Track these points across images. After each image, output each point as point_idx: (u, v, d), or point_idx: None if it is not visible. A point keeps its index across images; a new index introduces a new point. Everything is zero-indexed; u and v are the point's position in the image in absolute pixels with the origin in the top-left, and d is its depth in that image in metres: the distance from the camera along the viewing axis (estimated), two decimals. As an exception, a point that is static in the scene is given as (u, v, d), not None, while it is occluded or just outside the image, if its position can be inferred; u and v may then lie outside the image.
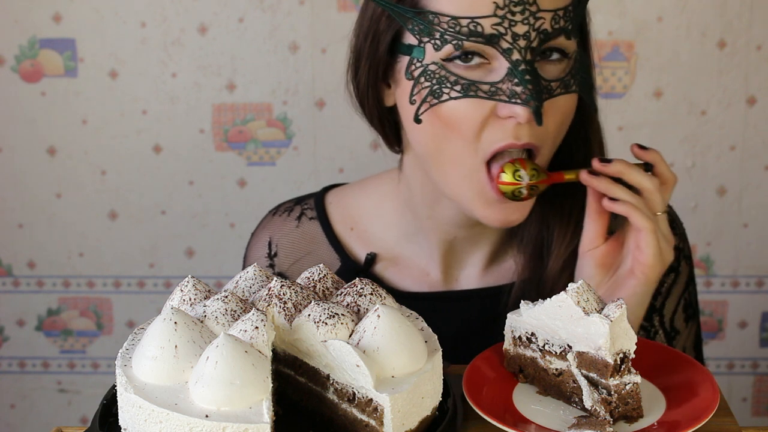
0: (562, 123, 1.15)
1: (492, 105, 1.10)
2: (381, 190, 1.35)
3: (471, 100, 1.10)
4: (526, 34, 1.08)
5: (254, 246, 1.40)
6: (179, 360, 0.89)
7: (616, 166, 1.14)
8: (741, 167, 2.15)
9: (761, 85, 2.10)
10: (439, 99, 1.11)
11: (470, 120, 1.11)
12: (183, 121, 2.16)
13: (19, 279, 2.27)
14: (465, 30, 1.08)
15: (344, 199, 1.39)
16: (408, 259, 1.33)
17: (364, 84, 1.22)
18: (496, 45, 1.08)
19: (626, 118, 2.13)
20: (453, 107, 1.11)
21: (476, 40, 1.08)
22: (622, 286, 1.16)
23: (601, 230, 1.18)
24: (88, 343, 2.31)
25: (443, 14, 1.09)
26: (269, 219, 1.41)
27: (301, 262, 1.35)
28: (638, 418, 0.97)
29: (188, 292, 1.00)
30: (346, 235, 1.36)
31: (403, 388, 0.89)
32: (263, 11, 2.10)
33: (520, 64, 1.07)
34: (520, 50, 1.08)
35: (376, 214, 1.35)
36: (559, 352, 1.01)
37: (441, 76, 1.10)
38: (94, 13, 2.11)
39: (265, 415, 0.84)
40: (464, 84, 1.09)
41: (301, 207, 1.39)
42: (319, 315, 0.94)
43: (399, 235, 1.33)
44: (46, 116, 2.17)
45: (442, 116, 1.12)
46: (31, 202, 2.22)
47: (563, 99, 1.12)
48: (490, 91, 1.09)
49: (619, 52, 2.10)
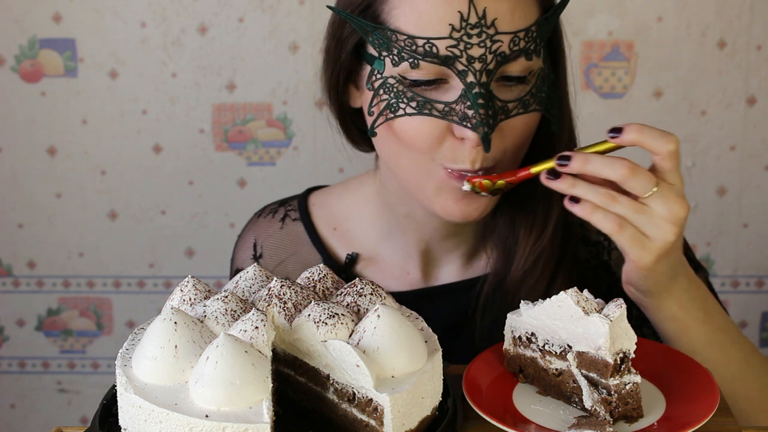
0: (521, 141, 1.14)
1: (447, 124, 1.10)
2: (362, 191, 1.37)
3: (425, 118, 1.10)
4: (482, 56, 1.07)
5: (240, 248, 1.42)
6: (179, 360, 0.89)
7: (574, 164, 1.06)
8: (741, 167, 2.15)
9: (761, 85, 2.10)
10: (395, 114, 1.11)
11: (423, 137, 1.11)
12: (183, 121, 2.16)
13: (19, 279, 2.27)
14: (421, 50, 1.08)
15: (327, 200, 1.40)
16: (388, 259, 1.34)
17: (326, 84, 1.23)
18: (451, 66, 1.08)
19: (626, 118, 2.13)
20: (406, 123, 1.11)
21: (431, 61, 1.08)
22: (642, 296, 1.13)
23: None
24: (88, 343, 2.31)
25: (401, 32, 1.09)
26: (254, 221, 1.42)
27: (285, 263, 1.36)
28: (638, 418, 0.97)
29: (188, 292, 1.00)
30: (329, 235, 1.37)
31: (403, 388, 0.89)
32: (263, 11, 2.10)
33: (473, 87, 1.07)
34: (474, 73, 1.07)
35: (357, 214, 1.36)
36: (559, 352, 1.01)
37: (399, 90, 1.10)
38: (94, 13, 2.11)
39: (265, 415, 0.84)
40: (420, 101, 1.09)
41: (285, 209, 1.41)
42: (319, 315, 0.94)
43: (379, 235, 1.34)
44: (46, 116, 2.17)
45: (397, 131, 1.13)
46: (31, 202, 2.22)
47: (521, 119, 1.11)
48: (444, 110, 1.09)
49: (619, 52, 2.10)
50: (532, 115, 1.13)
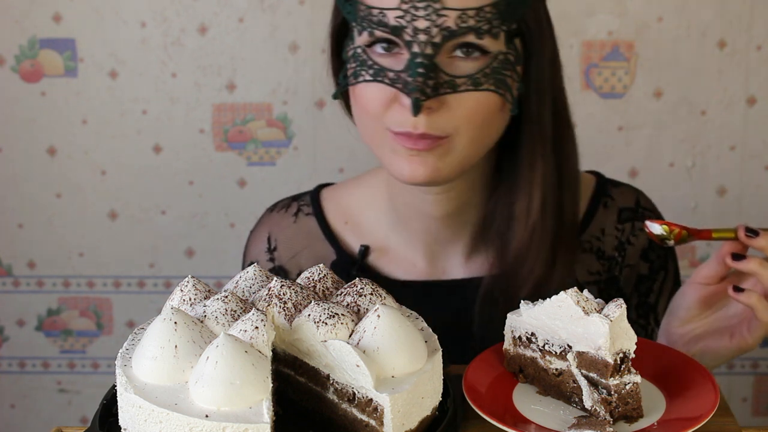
0: (476, 119, 1.16)
1: (395, 91, 1.15)
2: (371, 183, 1.40)
3: (377, 84, 1.16)
4: (427, 29, 1.12)
5: (254, 242, 1.43)
6: (179, 360, 0.89)
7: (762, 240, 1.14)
8: (741, 167, 2.15)
9: (761, 85, 2.10)
10: (356, 80, 1.18)
11: (374, 102, 1.17)
12: (183, 121, 2.16)
13: (19, 279, 2.27)
14: (375, 19, 1.14)
15: (338, 194, 1.43)
16: (396, 250, 1.36)
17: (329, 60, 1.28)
18: (399, 36, 1.13)
19: (626, 118, 2.13)
20: (363, 89, 1.18)
21: (383, 30, 1.14)
22: (715, 341, 1.18)
23: (721, 273, 1.19)
24: (88, 343, 2.31)
25: (361, 3, 1.16)
26: (267, 215, 1.44)
27: (299, 256, 1.39)
28: (638, 418, 0.97)
29: (188, 292, 1.00)
30: (341, 228, 1.39)
31: (403, 388, 0.89)
32: (263, 11, 2.10)
33: (417, 57, 1.12)
34: (419, 44, 1.12)
35: (367, 206, 1.39)
36: (559, 352, 1.01)
37: (362, 59, 1.17)
38: (94, 13, 2.11)
39: (265, 415, 0.84)
40: (376, 69, 1.16)
41: (297, 203, 1.43)
42: (319, 315, 0.94)
43: (387, 227, 1.36)
44: (46, 116, 2.17)
45: (356, 97, 1.20)
46: (31, 202, 2.22)
47: (472, 96, 1.14)
48: (392, 78, 1.14)
49: (619, 52, 2.10)
50: (487, 95, 1.15)
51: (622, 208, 1.37)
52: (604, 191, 1.38)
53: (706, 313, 1.20)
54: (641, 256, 1.36)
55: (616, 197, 1.38)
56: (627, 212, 1.37)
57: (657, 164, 2.15)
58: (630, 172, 2.15)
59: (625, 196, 1.39)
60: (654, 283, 1.36)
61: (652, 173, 2.15)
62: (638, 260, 1.36)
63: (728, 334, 1.18)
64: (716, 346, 1.18)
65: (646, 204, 1.40)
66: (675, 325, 1.21)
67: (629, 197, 1.39)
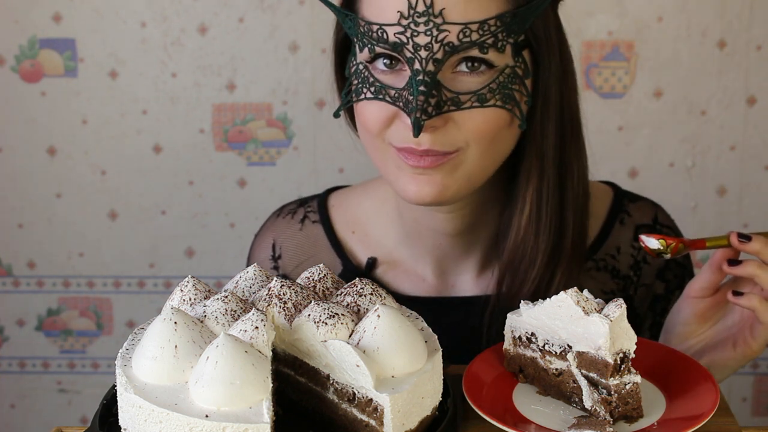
0: (485, 135, 1.12)
1: (396, 109, 1.12)
2: (380, 193, 1.36)
3: (379, 102, 1.12)
4: (428, 45, 1.08)
5: (258, 247, 1.40)
6: (179, 360, 0.89)
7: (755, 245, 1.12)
8: (741, 167, 2.15)
9: (761, 85, 2.10)
10: (358, 98, 1.15)
11: (375, 120, 1.14)
12: (183, 121, 2.16)
13: (19, 279, 2.27)
14: (375, 36, 1.10)
15: (346, 201, 1.39)
16: (405, 264, 1.32)
17: (333, 74, 1.26)
18: (400, 53, 1.10)
19: (626, 118, 2.13)
20: (364, 107, 1.15)
21: (383, 47, 1.10)
22: (719, 352, 1.16)
23: (715, 283, 1.17)
24: (88, 343, 2.31)
25: (363, 19, 1.12)
26: (273, 221, 1.41)
27: (304, 265, 1.34)
28: (638, 418, 0.97)
29: (188, 292, 1.00)
30: (348, 238, 1.36)
31: (403, 388, 0.89)
32: (263, 11, 2.10)
33: (418, 74, 1.08)
34: (420, 60, 1.08)
35: (375, 217, 1.35)
36: (559, 352, 1.01)
37: (364, 76, 1.14)
38: (94, 13, 2.11)
39: (265, 415, 0.84)
40: (377, 87, 1.12)
41: (304, 209, 1.39)
42: (319, 315, 0.94)
43: (396, 240, 1.33)
44: (46, 116, 2.17)
45: (358, 114, 1.17)
46: (31, 202, 2.22)
47: (479, 112, 1.10)
48: (394, 96, 1.11)
49: (619, 52, 2.10)
50: (494, 111, 1.11)
51: (639, 225, 1.33)
52: (620, 206, 1.34)
53: (704, 327, 1.18)
54: (657, 276, 1.33)
55: (633, 213, 1.34)
56: (644, 229, 1.32)
57: (657, 164, 2.15)
58: (630, 172, 2.15)
59: (642, 211, 1.34)
60: (669, 303, 1.31)
61: (651, 173, 2.15)
62: (654, 279, 1.32)
63: (731, 344, 1.16)
64: (721, 358, 1.16)
65: (665, 220, 1.35)
66: (674, 343, 1.19)
67: (647, 213, 1.34)
